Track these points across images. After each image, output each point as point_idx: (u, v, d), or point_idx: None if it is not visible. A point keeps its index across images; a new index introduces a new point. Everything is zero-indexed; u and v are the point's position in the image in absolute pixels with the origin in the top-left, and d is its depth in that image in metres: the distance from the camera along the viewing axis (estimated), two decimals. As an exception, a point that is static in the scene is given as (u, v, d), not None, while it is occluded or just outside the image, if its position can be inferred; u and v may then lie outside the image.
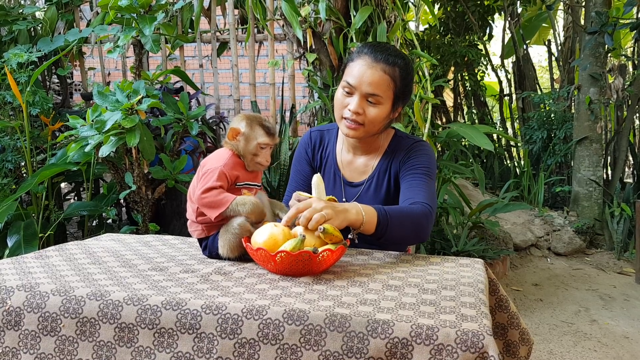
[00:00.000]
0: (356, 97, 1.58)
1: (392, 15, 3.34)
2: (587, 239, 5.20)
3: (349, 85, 1.59)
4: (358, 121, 1.59)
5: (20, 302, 1.15)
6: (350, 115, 1.59)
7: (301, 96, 5.48)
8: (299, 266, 1.26)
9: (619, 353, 2.92)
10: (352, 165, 1.76)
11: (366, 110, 1.59)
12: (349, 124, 1.60)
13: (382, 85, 1.57)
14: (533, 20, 7.73)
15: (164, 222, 3.44)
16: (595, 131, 5.45)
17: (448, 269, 1.40)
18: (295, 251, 1.25)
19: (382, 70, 1.57)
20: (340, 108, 1.62)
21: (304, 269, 1.27)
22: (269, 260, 1.27)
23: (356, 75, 1.58)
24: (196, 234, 1.47)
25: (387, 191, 1.70)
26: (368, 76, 1.57)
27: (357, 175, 1.75)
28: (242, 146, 1.44)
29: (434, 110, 7.20)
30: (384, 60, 1.57)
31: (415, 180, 1.63)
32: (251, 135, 1.44)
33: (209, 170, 1.39)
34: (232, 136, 1.44)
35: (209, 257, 1.46)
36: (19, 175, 3.56)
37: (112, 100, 2.75)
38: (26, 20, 3.71)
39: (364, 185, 1.72)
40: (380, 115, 1.60)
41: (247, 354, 1.04)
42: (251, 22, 3.66)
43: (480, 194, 5.56)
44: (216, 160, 1.43)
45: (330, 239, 1.33)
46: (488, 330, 0.99)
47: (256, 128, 1.44)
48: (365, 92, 1.57)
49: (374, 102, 1.59)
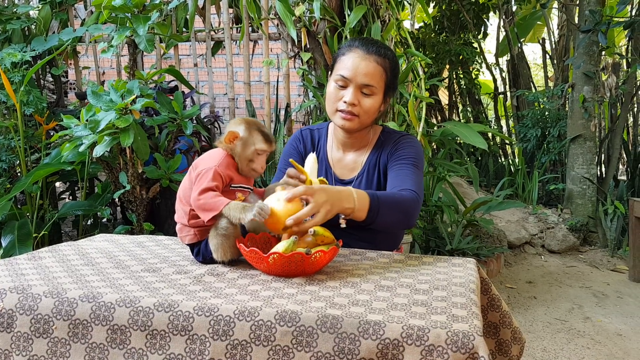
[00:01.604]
0: (351, 89, 1.62)
1: (387, 15, 3.35)
2: (581, 237, 5.23)
3: (343, 78, 1.63)
4: (353, 112, 1.63)
5: (13, 304, 1.15)
6: (345, 107, 1.62)
7: (296, 95, 5.49)
8: (292, 267, 1.27)
9: (612, 350, 2.94)
10: (342, 162, 1.79)
11: (361, 101, 1.63)
12: (344, 116, 1.64)
13: (376, 75, 1.62)
14: (527, 18, 7.75)
15: (159, 221, 3.44)
16: (589, 129, 5.47)
17: (440, 269, 1.40)
18: (288, 252, 1.26)
19: (375, 62, 1.62)
20: (335, 101, 1.66)
21: (296, 270, 1.28)
22: (261, 261, 1.27)
23: (350, 67, 1.62)
24: (187, 239, 1.42)
25: (378, 185, 1.73)
26: (362, 67, 1.61)
27: (347, 172, 1.78)
28: (239, 151, 1.41)
29: (429, 109, 7.22)
30: (376, 52, 1.63)
31: (403, 170, 1.66)
32: (249, 141, 1.41)
33: (203, 170, 1.36)
34: (230, 139, 1.41)
35: (202, 263, 1.43)
36: (13, 175, 3.56)
37: (106, 100, 2.75)
38: (20, 20, 3.70)
39: (355, 181, 1.74)
40: (374, 106, 1.65)
41: (239, 355, 1.04)
42: (245, 21, 3.66)
43: (474, 192, 5.57)
44: (210, 160, 1.40)
45: (321, 240, 1.33)
46: (478, 331, 1.00)
47: (255, 134, 1.42)
48: (361, 83, 1.61)
49: (368, 93, 1.63)
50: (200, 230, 1.40)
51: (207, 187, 1.33)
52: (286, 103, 3.75)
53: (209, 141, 3.73)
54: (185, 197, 1.40)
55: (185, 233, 1.42)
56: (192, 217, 1.39)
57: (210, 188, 1.33)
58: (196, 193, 1.33)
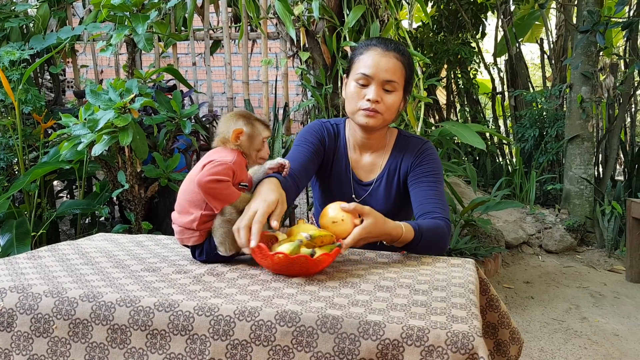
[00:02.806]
0: (373, 86, 1.64)
1: (385, 14, 3.35)
2: (578, 237, 5.24)
3: (364, 76, 1.64)
4: (377, 110, 1.65)
5: (13, 303, 1.15)
6: (369, 105, 1.64)
7: (294, 94, 5.49)
8: (296, 268, 1.28)
9: (609, 350, 2.95)
10: (360, 164, 1.80)
11: (384, 98, 1.65)
12: (368, 113, 1.65)
13: (397, 71, 1.65)
14: (526, 18, 7.77)
15: (157, 220, 3.44)
16: (586, 129, 5.49)
17: (439, 269, 1.41)
18: (293, 255, 1.27)
19: (395, 58, 1.65)
20: (357, 100, 1.67)
21: (300, 271, 1.29)
22: (266, 258, 1.28)
23: (371, 65, 1.64)
24: (192, 241, 1.41)
25: (397, 190, 1.76)
26: (384, 64, 1.64)
27: (364, 173, 1.79)
28: (247, 145, 1.43)
29: (427, 108, 7.22)
30: (395, 49, 1.66)
31: (431, 190, 1.69)
32: (255, 132, 1.44)
33: (219, 162, 1.35)
34: (236, 137, 1.41)
35: (205, 262, 1.42)
36: (11, 174, 3.55)
37: (104, 99, 2.74)
38: (18, 18, 3.69)
39: (374, 184, 1.76)
40: (396, 102, 1.68)
41: (240, 355, 1.04)
42: (244, 20, 3.66)
43: (472, 191, 5.58)
44: (224, 155, 1.39)
45: (321, 241, 1.34)
46: (478, 332, 1.00)
47: (256, 124, 1.45)
48: (383, 79, 1.64)
49: (390, 90, 1.66)
50: (206, 231, 1.40)
51: (222, 179, 1.32)
52: (285, 102, 3.75)
53: (208, 140, 3.72)
54: (194, 202, 1.38)
55: (188, 235, 1.40)
56: (202, 222, 1.38)
57: (224, 180, 1.33)
58: (209, 178, 1.31)
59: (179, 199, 1.42)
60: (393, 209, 1.75)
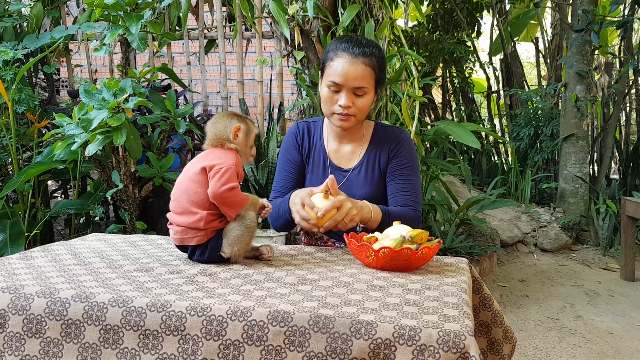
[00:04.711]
0: (344, 93, 1.70)
1: (380, 13, 3.35)
2: (573, 235, 5.26)
3: (335, 84, 1.70)
4: (350, 113, 1.71)
5: (5, 304, 1.15)
6: (342, 111, 1.71)
7: (289, 93, 5.48)
8: (400, 262, 1.34)
9: (603, 349, 2.96)
10: (339, 153, 1.88)
11: (355, 102, 1.71)
12: (341, 117, 1.73)
13: (365, 77, 1.69)
14: (521, 17, 7.78)
15: (151, 220, 3.43)
16: (581, 128, 5.50)
17: (432, 268, 1.41)
18: (397, 248, 1.33)
19: (362, 64, 1.68)
20: (330, 105, 1.73)
21: (403, 265, 1.35)
22: (369, 255, 1.36)
23: (340, 73, 1.68)
24: (195, 241, 1.39)
25: (380, 176, 1.84)
26: (352, 72, 1.68)
27: (344, 161, 1.87)
28: (243, 141, 1.48)
29: (422, 107, 7.24)
30: (362, 54, 1.69)
31: (405, 183, 1.81)
32: (249, 128, 1.50)
33: (223, 168, 1.37)
34: (235, 135, 1.46)
35: (204, 262, 1.42)
36: (5, 173, 3.54)
37: (98, 99, 2.74)
38: (12, 17, 3.68)
39: (354, 170, 1.84)
40: (367, 104, 1.74)
41: (232, 355, 1.04)
42: (239, 20, 3.65)
43: (467, 190, 5.59)
44: (224, 158, 1.41)
45: (420, 238, 1.40)
46: (470, 331, 1.00)
47: (247, 121, 1.50)
48: (352, 86, 1.69)
49: (360, 94, 1.72)
50: (213, 230, 1.40)
51: (234, 186, 1.37)
52: (279, 101, 3.75)
53: (202, 140, 3.72)
54: (197, 202, 1.38)
55: (192, 235, 1.39)
56: (209, 221, 1.38)
57: (236, 186, 1.37)
58: (223, 188, 1.35)
59: (177, 199, 1.41)
60: (374, 192, 1.82)
